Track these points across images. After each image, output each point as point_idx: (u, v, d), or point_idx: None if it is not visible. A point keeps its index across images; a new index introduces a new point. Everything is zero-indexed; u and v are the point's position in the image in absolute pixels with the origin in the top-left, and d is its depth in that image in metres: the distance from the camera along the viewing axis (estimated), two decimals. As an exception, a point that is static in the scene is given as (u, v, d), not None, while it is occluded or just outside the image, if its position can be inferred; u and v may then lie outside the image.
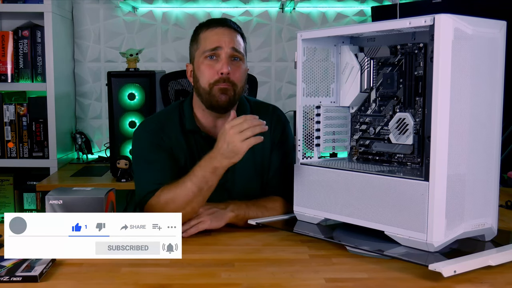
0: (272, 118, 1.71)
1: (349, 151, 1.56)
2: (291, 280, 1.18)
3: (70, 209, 1.32)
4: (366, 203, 1.32)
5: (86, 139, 3.04)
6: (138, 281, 1.17)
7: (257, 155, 1.67)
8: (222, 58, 1.57)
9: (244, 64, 1.63)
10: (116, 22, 3.10)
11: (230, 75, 1.57)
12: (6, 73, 2.78)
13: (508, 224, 1.62)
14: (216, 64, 1.57)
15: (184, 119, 1.66)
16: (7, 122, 2.78)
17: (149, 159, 1.60)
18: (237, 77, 1.59)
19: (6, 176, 2.86)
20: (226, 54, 1.57)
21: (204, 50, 1.59)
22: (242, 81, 1.62)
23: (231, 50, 1.58)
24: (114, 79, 2.57)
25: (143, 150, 1.62)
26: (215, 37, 1.59)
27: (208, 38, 1.60)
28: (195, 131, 1.64)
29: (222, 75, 1.56)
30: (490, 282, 1.15)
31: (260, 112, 1.71)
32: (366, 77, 1.48)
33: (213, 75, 1.57)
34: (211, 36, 1.60)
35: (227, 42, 1.58)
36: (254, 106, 1.73)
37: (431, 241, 1.19)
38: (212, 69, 1.58)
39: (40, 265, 1.20)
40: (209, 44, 1.58)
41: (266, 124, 1.69)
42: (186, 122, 1.65)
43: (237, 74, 1.59)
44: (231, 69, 1.57)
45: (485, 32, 1.23)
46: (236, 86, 1.59)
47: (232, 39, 1.59)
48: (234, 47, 1.58)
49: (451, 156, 1.19)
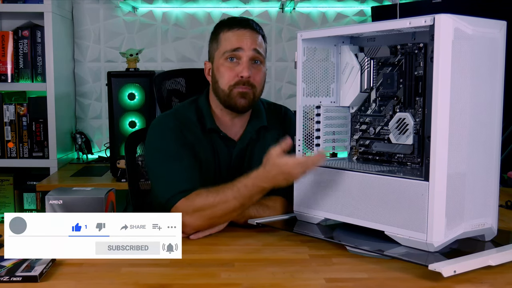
0: (285, 119, 1.74)
1: (349, 151, 1.55)
2: (291, 280, 1.18)
3: (70, 209, 1.32)
4: (366, 203, 1.32)
5: (86, 139, 3.04)
6: (138, 281, 1.17)
7: None
8: (243, 61, 1.56)
9: (265, 67, 1.63)
10: (116, 22, 3.10)
11: (250, 78, 1.56)
12: (6, 73, 2.78)
13: (508, 224, 1.62)
14: (236, 66, 1.57)
15: (203, 117, 1.63)
16: (7, 122, 2.78)
17: (177, 155, 1.54)
18: (258, 80, 1.59)
19: (6, 176, 2.86)
20: (247, 57, 1.56)
21: (224, 51, 1.58)
22: (262, 84, 1.62)
23: (252, 53, 1.57)
24: (114, 79, 2.57)
25: (169, 146, 1.56)
26: (236, 38, 1.57)
27: (229, 39, 1.58)
28: (214, 130, 1.63)
29: (243, 78, 1.56)
30: (490, 282, 1.15)
31: (272, 112, 1.74)
32: (366, 77, 1.48)
33: (233, 78, 1.57)
34: (232, 37, 1.58)
35: (248, 44, 1.57)
36: (267, 107, 1.74)
37: (431, 241, 1.19)
38: (232, 71, 1.57)
39: (40, 265, 1.19)
40: (229, 45, 1.57)
41: (279, 125, 1.73)
42: (206, 120, 1.63)
43: (258, 77, 1.59)
44: (251, 72, 1.56)
45: (485, 32, 1.23)
46: (255, 89, 1.59)
47: (254, 41, 1.58)
48: (256, 49, 1.58)
49: (451, 156, 1.19)
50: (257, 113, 1.69)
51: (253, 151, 1.67)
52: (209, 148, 1.62)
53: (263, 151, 1.64)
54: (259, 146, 1.67)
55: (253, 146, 1.67)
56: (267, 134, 1.69)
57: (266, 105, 1.75)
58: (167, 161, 1.55)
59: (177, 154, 1.55)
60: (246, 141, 1.65)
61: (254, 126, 1.67)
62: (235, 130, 1.66)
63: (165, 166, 1.55)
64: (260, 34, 1.62)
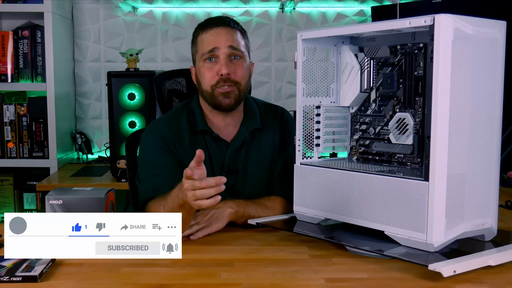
0: (281, 120, 1.73)
1: (349, 151, 1.56)
2: (291, 280, 1.18)
3: (70, 209, 1.32)
4: (366, 203, 1.32)
5: (86, 139, 3.04)
6: (138, 281, 1.17)
7: (266, 157, 1.67)
8: (221, 59, 1.56)
9: (246, 61, 1.62)
10: (116, 22, 3.10)
11: (230, 75, 1.57)
12: (6, 73, 2.78)
13: (508, 224, 1.62)
14: (215, 65, 1.57)
15: (195, 120, 1.65)
16: (7, 122, 2.78)
17: (154, 163, 1.60)
18: (239, 76, 1.59)
19: (6, 176, 2.86)
20: (224, 54, 1.57)
21: (202, 53, 1.59)
22: (245, 78, 1.62)
23: (228, 49, 1.57)
24: (114, 79, 2.57)
25: (150, 153, 1.62)
26: (212, 38, 1.58)
27: (205, 40, 1.59)
28: (207, 131, 1.64)
29: (222, 76, 1.56)
30: (490, 282, 1.15)
31: (267, 114, 1.73)
32: (366, 77, 1.48)
33: (213, 77, 1.57)
34: (207, 37, 1.59)
35: (223, 41, 1.57)
36: (262, 108, 1.73)
37: (431, 241, 1.19)
38: (212, 71, 1.57)
39: (40, 265, 1.20)
40: (206, 47, 1.58)
41: (275, 126, 1.72)
42: (198, 122, 1.64)
43: (239, 72, 1.59)
44: (231, 69, 1.56)
45: (485, 32, 1.23)
46: (239, 85, 1.59)
47: (229, 37, 1.58)
48: (232, 45, 1.57)
49: (451, 156, 1.19)
50: (251, 114, 1.68)
51: (248, 152, 1.66)
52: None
53: (258, 153, 1.65)
54: (253, 147, 1.66)
55: (247, 147, 1.66)
56: (262, 135, 1.68)
57: (261, 106, 1.74)
58: (145, 166, 1.62)
59: (156, 162, 1.60)
60: (239, 142, 1.65)
61: (248, 128, 1.66)
62: (228, 131, 1.66)
63: (143, 170, 1.62)
64: (237, 29, 1.62)
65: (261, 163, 1.66)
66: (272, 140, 1.69)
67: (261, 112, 1.71)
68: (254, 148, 1.66)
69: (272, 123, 1.71)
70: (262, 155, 1.66)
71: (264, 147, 1.67)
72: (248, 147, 1.66)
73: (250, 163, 1.63)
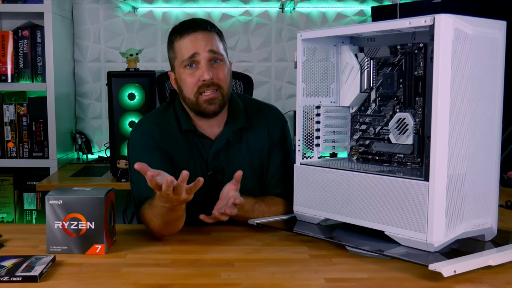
0: (269, 119, 1.70)
1: (349, 151, 1.56)
2: (291, 280, 1.18)
3: (70, 209, 1.32)
4: (366, 203, 1.32)
5: (86, 139, 3.04)
6: (138, 281, 1.17)
7: (255, 157, 1.66)
8: (202, 65, 1.54)
9: (226, 64, 1.60)
10: (116, 22, 3.10)
11: (213, 79, 1.55)
12: (6, 73, 2.78)
13: (508, 224, 1.62)
14: (196, 71, 1.55)
15: (180, 119, 1.64)
16: (7, 122, 2.78)
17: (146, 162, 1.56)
18: (221, 79, 1.57)
19: (6, 176, 2.86)
20: (205, 59, 1.54)
21: (182, 60, 1.56)
22: (227, 80, 1.59)
23: (209, 54, 1.55)
24: (114, 79, 2.57)
25: (139, 153, 1.60)
26: (190, 44, 1.55)
27: (183, 46, 1.56)
28: (192, 130, 1.63)
29: (205, 82, 1.54)
30: (490, 282, 1.15)
31: (255, 112, 1.70)
32: (366, 77, 1.48)
33: (196, 83, 1.55)
34: (185, 43, 1.56)
35: (203, 46, 1.54)
36: (249, 107, 1.70)
37: (431, 241, 1.19)
38: (193, 77, 1.55)
39: (40, 265, 1.20)
40: (185, 53, 1.55)
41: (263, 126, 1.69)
42: (182, 122, 1.63)
43: (221, 75, 1.57)
44: (213, 73, 1.54)
45: (485, 32, 1.23)
46: (222, 89, 1.58)
47: (207, 42, 1.55)
48: (212, 49, 1.55)
49: (451, 156, 1.19)
50: (235, 113, 1.66)
51: (234, 151, 1.64)
52: (188, 149, 1.62)
53: (247, 152, 1.64)
54: (239, 147, 1.64)
55: (232, 146, 1.64)
56: (250, 134, 1.66)
57: (248, 104, 1.71)
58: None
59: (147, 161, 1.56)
60: (223, 141, 1.63)
61: (231, 127, 1.64)
62: (212, 131, 1.65)
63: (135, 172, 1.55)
64: (214, 32, 1.59)
65: (251, 162, 1.65)
66: (261, 139, 1.67)
67: (246, 110, 1.68)
68: (242, 147, 1.64)
69: (259, 121, 1.69)
70: (251, 154, 1.65)
71: (253, 146, 1.66)
72: (234, 146, 1.65)
73: (236, 162, 1.62)
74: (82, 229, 1.33)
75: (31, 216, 2.88)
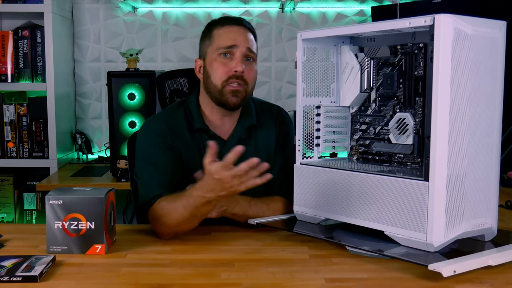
0: (277, 119, 1.72)
1: (349, 151, 1.56)
2: (291, 280, 1.18)
3: (70, 209, 1.32)
4: (366, 203, 1.32)
5: (86, 139, 3.04)
6: (138, 281, 1.17)
7: (262, 156, 1.66)
8: (237, 57, 1.56)
9: (256, 66, 1.63)
10: (116, 22, 3.10)
11: (244, 73, 1.57)
12: (6, 73, 2.78)
13: (508, 224, 1.62)
14: (230, 62, 1.57)
15: (191, 117, 1.64)
16: (7, 122, 2.78)
17: (155, 160, 1.58)
18: (250, 77, 1.59)
19: (6, 176, 2.86)
20: (241, 53, 1.57)
21: (218, 47, 1.58)
22: (253, 81, 1.62)
23: (246, 50, 1.58)
24: (114, 79, 2.57)
25: (149, 150, 1.60)
26: (231, 35, 1.58)
27: (223, 35, 1.59)
28: (203, 129, 1.63)
29: (236, 73, 1.56)
30: (490, 282, 1.15)
31: (263, 111, 1.72)
32: (366, 77, 1.48)
33: (227, 73, 1.56)
34: (226, 33, 1.59)
35: (242, 41, 1.58)
36: (258, 106, 1.73)
37: (431, 241, 1.19)
38: (226, 66, 1.57)
39: (40, 265, 1.20)
40: (224, 42, 1.58)
41: (271, 124, 1.71)
42: (194, 120, 1.63)
43: (250, 74, 1.59)
44: (245, 68, 1.57)
45: (485, 32, 1.23)
46: (247, 86, 1.59)
47: (247, 38, 1.59)
48: (249, 47, 1.58)
49: (451, 156, 1.19)
50: (247, 111, 1.68)
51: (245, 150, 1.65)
52: (197, 150, 1.62)
53: (255, 150, 1.64)
54: (250, 144, 1.65)
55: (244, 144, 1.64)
56: (259, 132, 1.68)
57: (257, 104, 1.73)
58: (144, 165, 1.59)
59: (157, 159, 1.58)
60: (235, 140, 1.64)
61: (244, 125, 1.66)
62: (224, 129, 1.66)
63: (143, 170, 1.59)
64: (253, 33, 1.63)
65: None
66: (268, 137, 1.69)
67: (256, 109, 1.71)
68: (251, 145, 1.65)
69: (268, 120, 1.71)
70: (259, 152, 1.66)
71: (260, 144, 1.67)
72: (244, 144, 1.65)
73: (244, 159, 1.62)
74: (82, 229, 1.33)
75: (31, 216, 2.88)
